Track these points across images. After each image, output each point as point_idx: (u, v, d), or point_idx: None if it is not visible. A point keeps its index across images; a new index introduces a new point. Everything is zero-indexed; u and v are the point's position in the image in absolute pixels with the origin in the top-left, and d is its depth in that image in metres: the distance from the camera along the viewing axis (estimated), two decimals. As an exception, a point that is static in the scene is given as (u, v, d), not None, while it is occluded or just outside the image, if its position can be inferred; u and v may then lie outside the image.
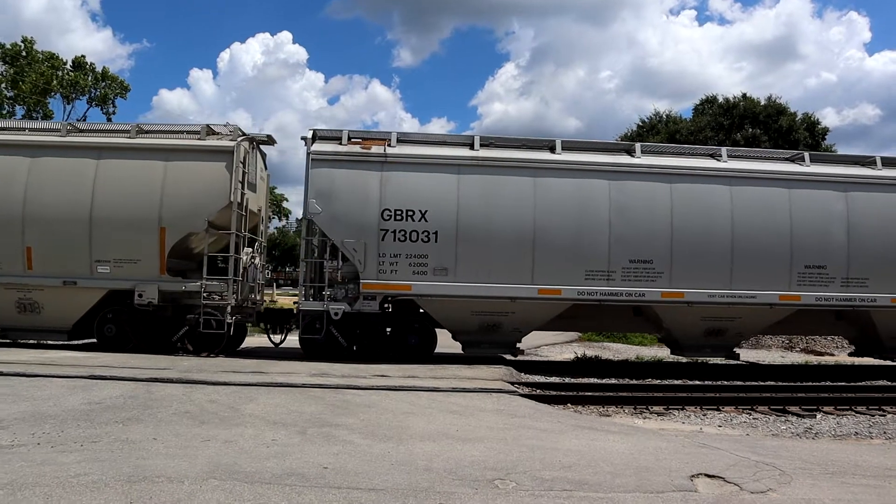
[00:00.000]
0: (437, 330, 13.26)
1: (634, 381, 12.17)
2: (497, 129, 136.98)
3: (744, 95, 43.23)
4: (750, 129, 40.69)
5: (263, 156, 14.66)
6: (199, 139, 12.93)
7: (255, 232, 14.40)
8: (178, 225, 12.40)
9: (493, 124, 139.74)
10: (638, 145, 13.56)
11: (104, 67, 37.19)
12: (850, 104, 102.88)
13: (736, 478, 5.36)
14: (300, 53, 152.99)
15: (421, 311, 12.98)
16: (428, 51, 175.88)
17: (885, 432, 8.74)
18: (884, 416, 9.79)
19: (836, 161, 14.60)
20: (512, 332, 12.92)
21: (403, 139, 13.20)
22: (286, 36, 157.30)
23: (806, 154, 14.08)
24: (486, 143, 13.25)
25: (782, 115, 41.58)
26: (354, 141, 12.98)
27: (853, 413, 9.89)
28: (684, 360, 14.96)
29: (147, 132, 13.29)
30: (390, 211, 12.36)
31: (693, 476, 5.38)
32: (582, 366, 14.00)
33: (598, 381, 12.13)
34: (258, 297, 14.32)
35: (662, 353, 16.67)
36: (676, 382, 12.17)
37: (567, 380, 12.00)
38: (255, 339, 15.69)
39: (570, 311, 12.97)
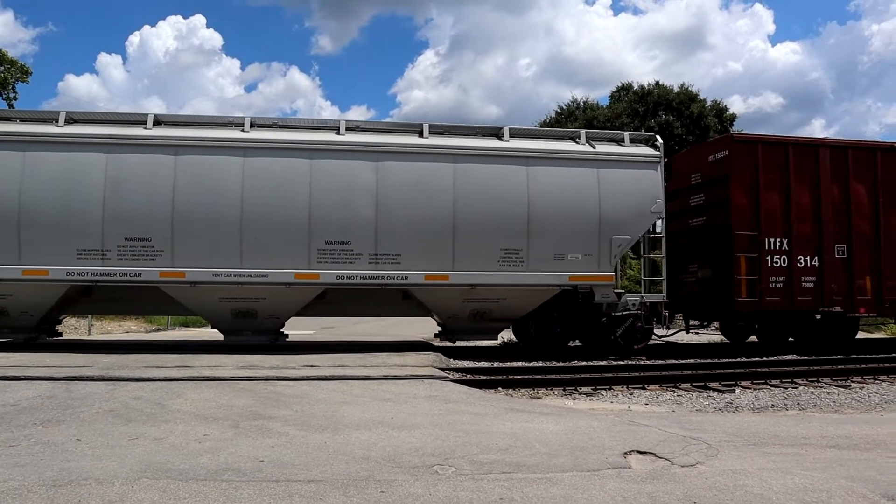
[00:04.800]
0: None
1: (562, 364, 12.41)
2: (418, 117, 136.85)
3: (657, 83, 44.53)
4: (664, 116, 42.01)
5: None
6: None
7: None
8: None
9: (413, 111, 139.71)
10: (150, 115, 12.56)
11: (1, 50, 35.04)
12: (754, 93, 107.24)
13: (666, 453, 5.53)
14: (215, 39, 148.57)
15: None
16: (347, 38, 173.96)
17: (798, 403, 9.22)
18: (796, 388, 10.34)
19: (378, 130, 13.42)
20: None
21: None
22: (200, 20, 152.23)
23: (342, 122, 13.13)
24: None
25: (693, 102, 43.06)
26: None
27: (769, 387, 10.39)
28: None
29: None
30: None
31: (626, 453, 5.53)
32: (509, 350, 14.21)
33: (527, 364, 12.31)
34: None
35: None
36: (602, 363, 12.47)
37: (496, 364, 12.15)
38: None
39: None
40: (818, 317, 14.37)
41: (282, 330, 13.22)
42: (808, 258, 14.20)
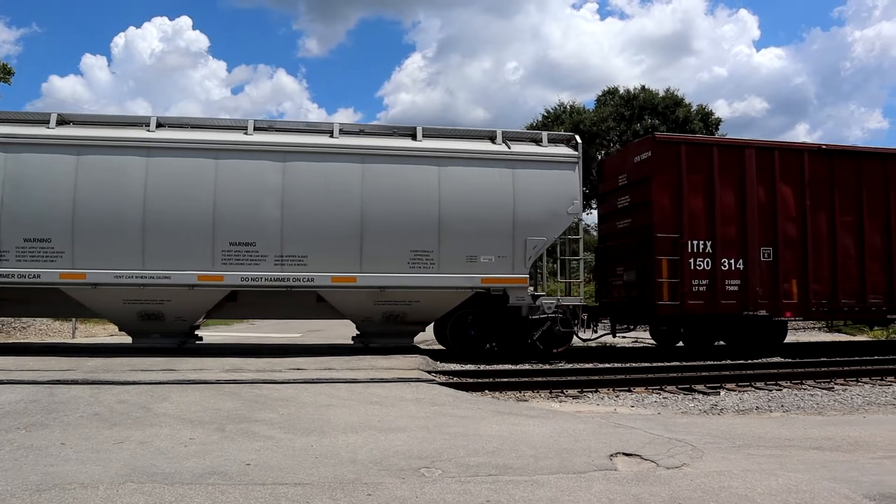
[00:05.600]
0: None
1: (548, 366, 12.44)
2: (405, 119, 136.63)
3: (643, 87, 44.76)
4: (650, 120, 42.22)
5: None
6: None
7: None
8: None
9: (400, 114, 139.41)
10: (53, 115, 12.39)
11: (-19, 51, 34.63)
12: (739, 97, 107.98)
13: (652, 455, 5.57)
14: (201, 40, 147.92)
15: None
16: (335, 41, 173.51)
17: (782, 405, 9.29)
18: (780, 390, 10.41)
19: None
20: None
21: None
22: (186, 21, 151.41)
23: (251, 122, 12.89)
24: None
25: (679, 106, 43.29)
26: None
27: (753, 389, 10.47)
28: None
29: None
30: None
31: (612, 455, 5.55)
32: (495, 353, 14.23)
33: (514, 367, 12.34)
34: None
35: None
36: (588, 366, 12.52)
37: (483, 367, 12.17)
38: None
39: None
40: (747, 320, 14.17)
41: (197, 332, 13.09)
42: (732, 261, 13.97)
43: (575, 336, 13.98)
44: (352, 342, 13.57)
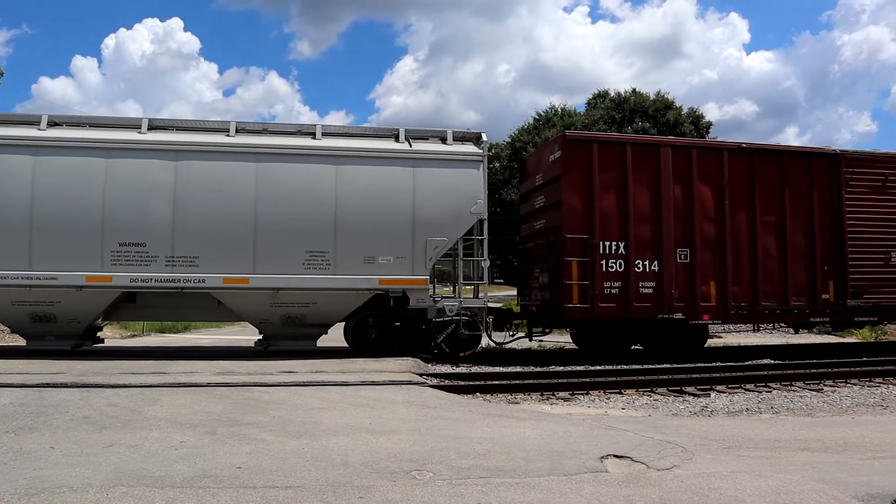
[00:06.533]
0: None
1: (539, 369, 12.45)
2: (396, 122, 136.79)
3: (634, 90, 44.96)
4: (640, 123, 42.41)
5: None
6: None
7: None
8: None
9: (391, 117, 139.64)
10: None
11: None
12: (729, 100, 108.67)
13: (643, 457, 5.59)
14: (192, 42, 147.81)
15: None
16: (327, 43, 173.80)
17: (772, 407, 9.34)
18: (770, 392, 10.47)
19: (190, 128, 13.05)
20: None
21: None
22: (177, 23, 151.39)
23: (145, 121, 12.73)
24: None
25: (669, 109, 43.50)
26: None
27: (743, 391, 10.51)
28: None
29: None
30: None
31: (603, 457, 5.57)
32: (486, 355, 14.23)
33: (505, 369, 12.34)
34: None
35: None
36: (579, 368, 12.53)
37: (474, 369, 12.17)
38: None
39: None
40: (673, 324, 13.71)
41: (98, 335, 12.92)
42: (647, 262, 13.48)
43: (490, 340, 13.80)
44: (254, 344, 13.26)
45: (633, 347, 14.29)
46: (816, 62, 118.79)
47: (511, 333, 14.69)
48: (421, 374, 10.71)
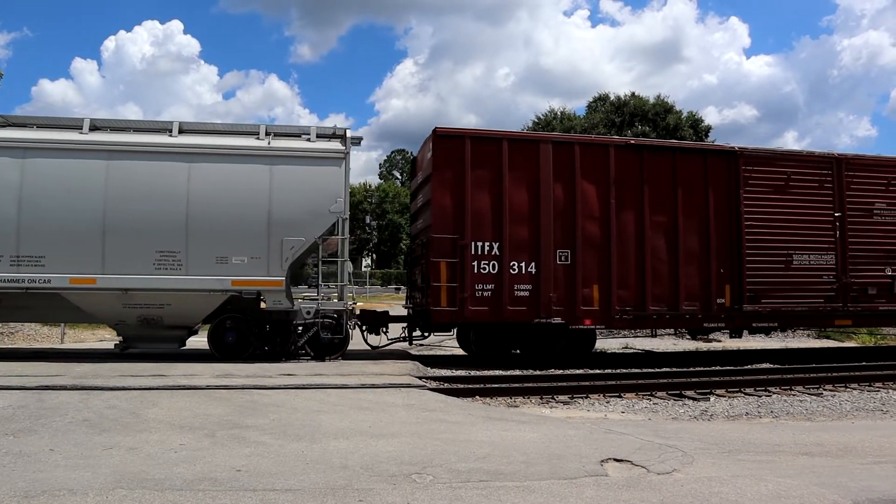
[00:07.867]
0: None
1: (538, 372, 12.44)
2: (396, 125, 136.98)
3: (633, 94, 45.00)
4: (640, 126, 42.46)
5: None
6: None
7: None
8: None
9: (391, 120, 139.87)
10: None
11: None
12: (729, 104, 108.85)
13: (643, 461, 5.58)
14: (193, 45, 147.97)
15: None
16: (326, 47, 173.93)
17: (771, 411, 9.34)
18: (770, 396, 10.47)
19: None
20: None
21: None
22: (177, 25, 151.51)
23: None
24: None
25: (669, 113, 43.53)
26: None
27: (743, 395, 10.51)
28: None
29: None
30: None
31: (603, 461, 5.57)
32: (486, 358, 14.20)
33: (504, 373, 12.33)
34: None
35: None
36: (578, 372, 12.52)
37: (473, 372, 12.16)
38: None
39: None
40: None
41: None
42: (523, 264, 12.86)
43: (366, 344, 13.65)
44: (114, 347, 13.00)
45: (513, 351, 13.71)
46: (816, 67, 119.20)
47: (388, 337, 14.17)
48: (420, 378, 10.71)
